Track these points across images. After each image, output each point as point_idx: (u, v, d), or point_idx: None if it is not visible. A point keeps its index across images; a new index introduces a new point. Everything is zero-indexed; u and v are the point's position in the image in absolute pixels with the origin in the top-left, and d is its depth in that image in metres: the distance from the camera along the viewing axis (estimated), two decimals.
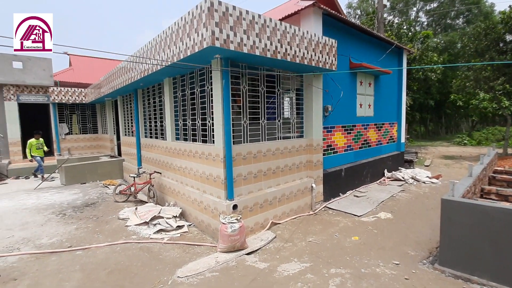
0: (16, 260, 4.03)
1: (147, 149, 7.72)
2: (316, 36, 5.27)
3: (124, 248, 4.36)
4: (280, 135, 5.59)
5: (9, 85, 11.21)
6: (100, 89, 10.13)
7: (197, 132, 5.38)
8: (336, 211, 5.98)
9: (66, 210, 6.21)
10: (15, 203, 6.82)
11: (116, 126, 11.37)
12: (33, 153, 9.58)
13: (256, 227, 4.88)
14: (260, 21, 4.27)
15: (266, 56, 4.37)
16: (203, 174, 5.06)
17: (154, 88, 7.10)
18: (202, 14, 3.79)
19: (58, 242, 4.60)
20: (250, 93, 5.11)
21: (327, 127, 6.53)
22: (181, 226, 5.11)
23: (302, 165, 5.96)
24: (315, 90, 5.89)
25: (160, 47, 5.13)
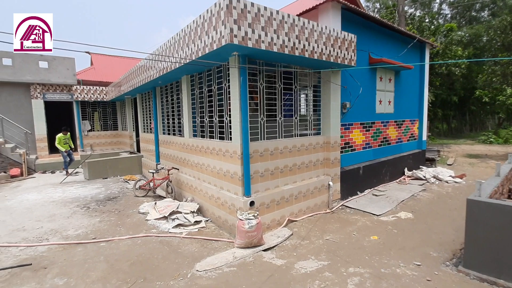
0: (46, 250, 4.26)
1: (165, 145, 7.90)
2: (335, 31, 5.16)
3: (145, 241, 4.51)
4: (297, 132, 5.55)
5: (36, 83, 11.79)
6: (120, 87, 10.44)
7: (214, 129, 5.44)
8: (354, 209, 5.88)
9: (90, 204, 6.49)
10: (43, 196, 7.20)
11: (135, 123, 11.70)
12: (64, 147, 9.95)
13: (272, 224, 4.89)
14: (278, 17, 4.24)
15: (284, 52, 4.34)
16: (220, 170, 5.12)
17: (172, 86, 7.23)
18: (221, 11, 3.81)
19: (83, 234, 4.82)
20: (267, 90, 5.10)
21: (345, 124, 6.41)
22: (199, 221, 5.21)
23: (319, 163, 5.89)
24: (333, 86, 5.79)
25: (178, 45, 5.21)
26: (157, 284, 3.36)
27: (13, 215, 5.82)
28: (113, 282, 3.40)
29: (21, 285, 3.35)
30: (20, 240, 4.61)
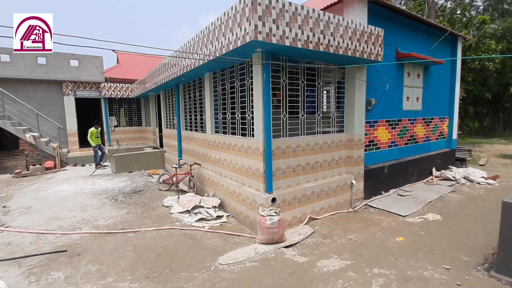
0: (79, 238, 4.53)
1: (187, 141, 8.09)
2: (361, 26, 5.00)
3: (170, 234, 4.66)
4: (319, 130, 5.47)
5: (67, 81, 12.47)
6: (145, 84, 10.79)
7: (236, 125, 5.49)
8: (378, 209, 5.72)
9: (118, 196, 6.80)
10: (75, 188, 7.64)
11: (158, 119, 12.07)
12: (94, 142, 10.28)
13: (294, 221, 4.88)
14: (302, 12, 4.18)
15: (308, 48, 4.28)
16: (242, 166, 5.16)
17: (194, 83, 7.36)
18: (246, 8, 3.81)
19: (112, 224, 5.07)
20: (290, 86, 5.05)
21: (369, 121, 6.22)
22: (221, 216, 5.30)
23: (342, 161, 5.78)
24: (358, 82, 5.63)
25: (202, 43, 5.28)
26: (182, 275, 3.47)
27: (49, 204, 6.24)
28: (141, 271, 3.56)
29: (58, 270, 3.60)
30: (56, 228, 4.93)
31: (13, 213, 5.74)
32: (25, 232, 4.74)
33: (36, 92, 12.01)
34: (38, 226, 5.01)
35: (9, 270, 3.59)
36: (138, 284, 3.30)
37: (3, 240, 4.45)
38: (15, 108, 11.08)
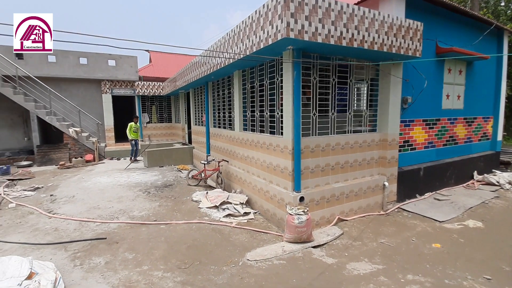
0: (116, 227, 4.84)
1: (215, 138, 8.27)
2: (398, 20, 4.76)
3: (199, 227, 4.81)
4: (350, 129, 5.31)
5: (105, 80, 13.28)
6: (175, 82, 11.18)
7: (264, 123, 5.50)
8: (412, 213, 5.44)
9: (150, 189, 7.15)
10: (112, 180, 8.15)
11: (187, 116, 12.46)
12: (131, 136, 10.91)
13: (322, 221, 4.80)
14: (336, 7, 4.06)
15: (341, 44, 4.16)
16: (270, 164, 5.17)
17: (223, 81, 7.49)
18: (278, 5, 3.79)
19: (146, 216, 5.34)
20: (320, 84, 4.95)
21: (405, 120, 5.91)
22: (248, 213, 5.36)
23: (374, 161, 5.56)
24: (393, 79, 5.37)
25: (233, 41, 5.35)
26: (212, 268, 3.57)
27: (89, 194, 6.72)
28: (173, 262, 3.72)
29: (99, 255, 3.87)
30: (96, 216, 5.31)
31: (59, 201, 6.27)
32: (69, 219, 5.16)
33: (78, 90, 12.95)
34: (81, 214, 5.43)
35: (57, 253, 3.93)
36: (170, 273, 3.45)
37: (52, 226, 4.88)
38: (60, 105, 12.04)
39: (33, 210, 5.65)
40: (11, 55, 11.19)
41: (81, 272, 3.46)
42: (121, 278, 3.35)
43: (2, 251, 3.98)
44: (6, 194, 6.68)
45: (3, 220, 5.16)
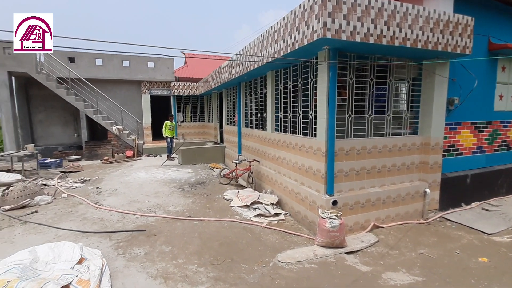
0: (154, 221, 5.13)
1: (246, 138, 8.37)
2: (446, 15, 4.42)
3: (230, 225, 4.92)
4: (388, 131, 5.06)
5: (145, 81, 14.11)
6: (209, 82, 11.52)
7: (297, 124, 5.45)
8: (457, 224, 5.03)
9: (184, 186, 7.46)
10: (149, 175, 8.65)
11: (219, 116, 12.77)
12: (166, 133, 11.47)
13: (355, 227, 4.64)
14: (377, 5, 3.89)
15: (382, 43, 3.98)
16: (302, 166, 5.12)
17: (256, 81, 7.55)
18: (315, 5, 3.73)
19: (180, 211, 5.59)
20: (357, 84, 4.78)
21: (450, 123, 5.47)
22: (278, 214, 5.36)
23: (414, 166, 5.23)
24: (438, 79, 5.00)
25: (267, 42, 5.37)
26: (243, 267, 3.63)
27: (130, 188, 7.21)
28: (206, 257, 3.85)
29: (139, 246, 4.14)
30: (136, 209, 5.68)
31: (103, 193, 6.81)
32: (113, 210, 5.58)
33: (121, 90, 13.92)
34: (123, 206, 5.84)
35: (102, 241, 4.28)
36: (204, 269, 3.58)
37: (98, 216, 5.32)
38: (105, 105, 13.05)
39: (82, 200, 6.21)
40: (65, 59, 12.39)
41: (124, 261, 3.72)
42: (159, 269, 3.55)
43: (57, 236, 4.44)
44: (59, 185, 7.42)
45: (58, 208, 5.74)
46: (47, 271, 3.12)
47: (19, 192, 5.89)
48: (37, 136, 12.89)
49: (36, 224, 4.90)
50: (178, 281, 3.30)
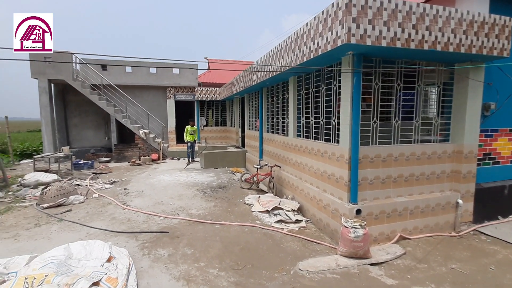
0: (177, 223, 5.27)
1: (268, 143, 8.39)
2: (481, 16, 4.18)
3: (251, 230, 4.94)
4: (416, 138, 4.84)
5: (170, 87, 14.65)
6: (231, 88, 11.71)
7: (320, 130, 5.38)
8: (492, 238, 4.68)
9: (206, 189, 7.61)
10: (173, 178, 8.93)
11: (241, 121, 12.91)
12: (188, 138, 11.54)
13: (380, 238, 4.46)
14: (404, 8, 3.77)
15: (409, 47, 3.84)
16: (324, 173, 5.03)
17: (278, 86, 7.57)
18: (339, 11, 3.70)
19: (202, 214, 5.70)
20: (383, 89, 4.64)
21: (486, 130, 5.13)
22: (299, 221, 5.30)
23: (445, 175, 4.95)
24: (471, 83, 4.72)
25: (289, 48, 5.39)
26: (263, 273, 3.63)
27: (155, 190, 7.48)
28: (227, 261, 3.89)
29: (163, 247, 4.27)
30: (160, 211, 5.88)
31: (131, 194, 7.13)
32: (139, 211, 5.82)
33: (148, 96, 14.56)
34: (148, 208, 6.07)
35: (129, 241, 4.47)
36: (224, 273, 3.62)
37: (125, 216, 5.58)
38: (133, 109, 13.71)
39: (111, 201, 6.54)
40: (98, 67, 13.20)
41: (149, 261, 3.86)
42: (181, 271, 3.64)
43: (88, 234, 4.71)
44: (91, 186, 7.87)
45: (89, 208, 6.09)
46: (80, 268, 3.32)
47: (56, 191, 6.33)
48: (72, 138, 13.80)
49: (70, 222, 5.24)
50: (200, 284, 3.36)
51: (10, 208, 6.12)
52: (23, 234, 4.75)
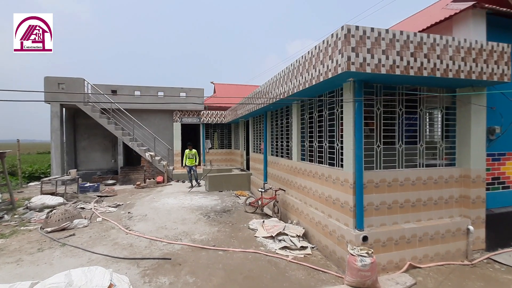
0: (180, 249, 5.18)
1: (272, 166, 8.38)
2: (478, 43, 4.30)
3: (255, 258, 4.81)
4: (422, 162, 4.80)
5: (177, 110, 15.01)
6: (236, 111, 11.94)
7: (323, 154, 5.39)
8: (507, 266, 4.45)
9: (210, 213, 7.53)
10: (177, 202, 8.88)
11: (246, 143, 13.01)
12: (187, 162, 11.69)
13: (389, 266, 4.29)
14: (401, 37, 3.92)
15: (409, 74, 3.93)
16: (329, 197, 4.97)
17: (282, 110, 7.70)
18: (338, 41, 3.85)
19: (205, 240, 5.60)
20: (385, 114, 4.68)
21: (493, 154, 5.07)
22: (305, 247, 5.15)
23: (453, 201, 4.83)
24: (474, 108, 4.75)
25: (292, 74, 5.55)
26: None
27: (159, 214, 7.43)
28: None
29: (165, 275, 4.17)
30: (163, 236, 5.80)
31: (134, 218, 7.09)
32: (142, 236, 5.76)
33: (155, 119, 14.90)
34: (151, 232, 6.00)
35: (131, 268, 4.39)
36: None
37: (127, 241, 5.51)
38: (140, 132, 13.99)
39: (114, 225, 6.50)
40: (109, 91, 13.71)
41: None
42: None
43: (90, 260, 4.65)
44: (95, 209, 7.87)
45: (92, 232, 6.05)
46: None
47: (60, 215, 6.35)
48: (79, 161, 14.02)
49: (72, 247, 5.20)
50: None
51: (15, 231, 6.13)
52: (25, 259, 4.71)
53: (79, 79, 12.40)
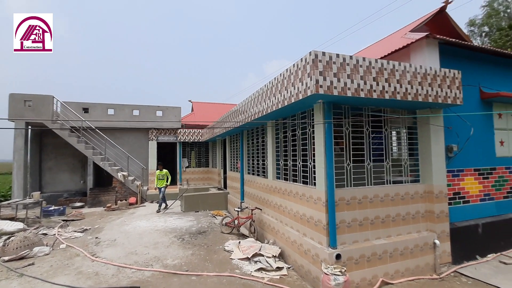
0: (150, 275, 4.89)
1: (249, 184, 8.35)
2: (432, 70, 4.72)
3: (229, 281, 4.65)
4: (389, 179, 5.02)
5: (153, 129, 14.71)
6: (213, 130, 11.92)
7: (297, 172, 5.48)
8: (473, 279, 4.65)
9: (184, 235, 7.25)
10: (150, 224, 8.48)
11: (223, 162, 12.92)
12: (158, 184, 10.86)
13: (362, 284, 4.33)
14: (364, 63, 4.21)
15: (372, 97, 4.20)
16: (303, 216, 5.00)
17: (258, 129, 7.81)
18: (307, 65, 4.07)
19: (178, 264, 5.35)
20: (353, 134, 4.91)
21: (452, 170, 5.43)
22: (281, 268, 5.08)
23: (420, 216, 5.06)
24: (433, 128, 5.12)
25: (266, 95, 5.72)
26: None
27: (129, 239, 7.03)
28: None
29: None
30: (132, 262, 5.46)
31: (102, 244, 6.64)
32: (109, 263, 5.38)
33: (129, 138, 14.46)
34: (120, 259, 5.64)
35: None
36: None
37: (93, 270, 5.13)
38: (112, 151, 13.45)
39: (79, 252, 6.05)
40: (80, 110, 13.20)
41: None
42: None
43: None
44: (59, 235, 7.30)
45: (54, 261, 5.57)
46: None
47: (19, 242, 5.82)
48: (44, 182, 13.10)
49: (31, 277, 4.74)
50: None
51: None
52: None
53: (47, 96, 11.85)
